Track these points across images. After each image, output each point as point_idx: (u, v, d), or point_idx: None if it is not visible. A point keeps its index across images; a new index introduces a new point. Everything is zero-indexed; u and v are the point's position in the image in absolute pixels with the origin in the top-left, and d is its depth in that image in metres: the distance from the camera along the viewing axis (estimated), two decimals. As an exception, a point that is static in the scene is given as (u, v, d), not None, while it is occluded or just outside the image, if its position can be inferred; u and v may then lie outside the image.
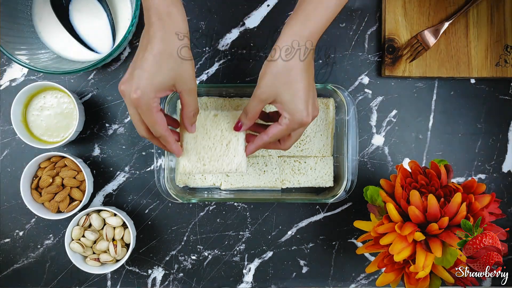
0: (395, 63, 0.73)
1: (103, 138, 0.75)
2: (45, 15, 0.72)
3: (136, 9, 0.65)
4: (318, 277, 0.75)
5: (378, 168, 0.75)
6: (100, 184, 0.74)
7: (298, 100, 0.53)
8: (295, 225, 0.75)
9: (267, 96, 0.54)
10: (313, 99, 0.55)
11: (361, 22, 0.75)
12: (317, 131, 0.71)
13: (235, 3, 0.75)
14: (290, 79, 0.53)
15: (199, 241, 0.75)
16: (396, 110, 0.75)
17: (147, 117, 0.52)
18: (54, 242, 0.74)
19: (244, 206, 0.75)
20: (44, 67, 0.67)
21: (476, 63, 0.73)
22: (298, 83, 0.53)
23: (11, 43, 0.67)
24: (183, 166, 0.62)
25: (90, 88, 0.75)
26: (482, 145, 0.75)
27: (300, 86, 0.53)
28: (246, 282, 0.75)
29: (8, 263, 0.74)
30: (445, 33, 0.73)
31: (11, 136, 0.74)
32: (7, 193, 0.74)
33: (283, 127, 0.55)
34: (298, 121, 0.55)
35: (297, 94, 0.53)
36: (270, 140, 0.57)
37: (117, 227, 0.70)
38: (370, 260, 0.75)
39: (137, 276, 0.74)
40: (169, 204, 0.75)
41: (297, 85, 0.53)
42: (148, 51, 0.50)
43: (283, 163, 0.71)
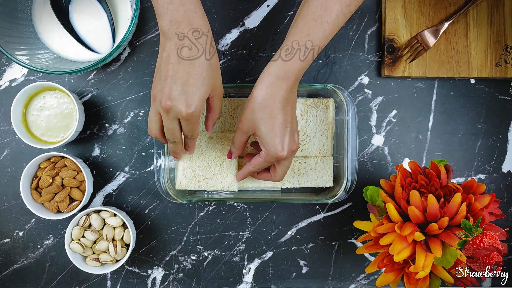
0: (395, 63, 0.73)
1: (103, 138, 0.75)
2: (45, 15, 0.72)
3: (136, 9, 0.65)
4: (318, 277, 0.75)
5: (378, 168, 0.75)
6: (100, 184, 0.74)
7: (273, 135, 0.56)
8: (295, 225, 0.75)
9: (247, 128, 0.58)
10: (290, 134, 0.58)
11: (361, 22, 0.75)
12: (317, 131, 0.71)
13: (235, 3, 0.75)
14: (266, 115, 0.56)
15: (199, 241, 0.75)
16: (396, 110, 0.75)
17: (191, 127, 0.57)
18: (54, 242, 0.74)
19: (244, 206, 0.75)
20: (44, 67, 0.67)
21: (476, 63, 0.73)
22: (274, 118, 0.56)
23: (11, 43, 0.67)
24: (180, 182, 0.69)
25: (90, 88, 0.75)
26: (482, 145, 0.75)
27: (276, 122, 0.56)
28: (246, 282, 0.75)
29: (8, 263, 0.74)
30: (445, 33, 0.73)
31: (11, 136, 0.74)
32: (7, 193, 0.74)
33: (262, 159, 0.59)
34: (273, 155, 0.57)
35: (273, 129, 0.56)
36: (253, 169, 0.62)
37: (117, 227, 0.70)
38: (370, 260, 0.75)
39: (137, 276, 0.74)
40: (169, 204, 0.75)
41: (273, 121, 0.56)
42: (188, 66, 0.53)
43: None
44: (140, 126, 0.74)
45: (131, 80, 0.74)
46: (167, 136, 0.59)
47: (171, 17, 0.52)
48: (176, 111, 0.54)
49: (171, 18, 0.52)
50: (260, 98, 0.56)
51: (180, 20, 0.52)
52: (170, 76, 0.53)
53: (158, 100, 0.54)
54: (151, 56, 0.74)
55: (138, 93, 0.74)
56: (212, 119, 0.60)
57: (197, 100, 0.54)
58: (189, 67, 0.52)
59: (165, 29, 0.53)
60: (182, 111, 0.53)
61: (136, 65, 0.75)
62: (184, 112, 0.53)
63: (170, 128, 0.57)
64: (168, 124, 0.56)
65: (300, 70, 0.56)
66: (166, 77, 0.53)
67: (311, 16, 0.55)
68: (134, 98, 0.74)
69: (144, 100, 0.74)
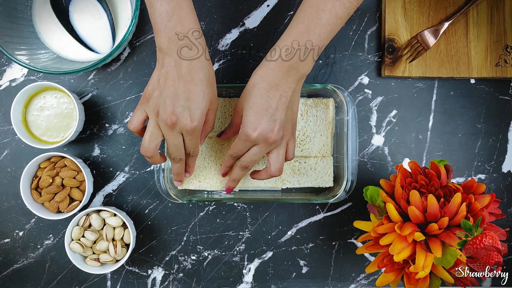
0: (395, 63, 0.73)
1: (103, 138, 0.75)
2: (45, 15, 0.72)
3: (136, 9, 0.65)
4: (318, 277, 0.75)
5: (378, 168, 0.75)
6: (100, 184, 0.74)
7: (250, 112, 0.57)
8: (295, 225, 0.75)
9: (239, 108, 0.60)
10: (270, 121, 0.57)
11: (361, 22, 0.75)
12: (317, 131, 0.71)
13: (235, 3, 0.75)
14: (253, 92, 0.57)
15: (199, 241, 0.75)
16: (396, 110, 0.75)
17: (194, 141, 0.59)
18: (54, 242, 0.74)
19: (244, 206, 0.75)
20: (44, 67, 0.67)
21: (476, 63, 0.73)
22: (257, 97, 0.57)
23: (11, 43, 0.67)
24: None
25: (90, 88, 0.75)
26: (482, 145, 0.75)
27: (257, 101, 0.57)
28: (246, 282, 0.75)
29: (8, 263, 0.74)
30: (445, 33, 0.73)
31: (11, 136, 0.74)
32: (7, 193, 0.74)
33: (238, 140, 0.60)
34: (244, 133, 0.58)
35: (253, 107, 0.57)
36: (231, 152, 0.62)
37: (117, 227, 0.70)
38: (370, 260, 0.75)
39: (137, 276, 0.74)
40: (169, 204, 0.75)
41: (256, 99, 0.57)
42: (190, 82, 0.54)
43: (283, 163, 0.72)
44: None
45: (131, 80, 0.74)
46: (173, 154, 0.60)
47: (170, 34, 0.53)
48: (181, 126, 0.56)
49: (170, 36, 0.53)
50: (253, 79, 0.58)
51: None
52: (171, 94, 0.55)
53: (162, 117, 0.56)
54: (151, 56, 0.74)
55: (138, 93, 0.74)
56: (206, 131, 0.62)
57: (199, 115, 0.56)
58: (190, 84, 0.54)
59: (163, 46, 0.54)
60: (187, 125, 0.56)
61: (136, 65, 0.75)
62: (189, 126, 0.56)
63: (175, 145, 0.58)
64: (173, 140, 0.58)
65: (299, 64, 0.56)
66: (168, 95, 0.55)
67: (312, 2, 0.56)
68: (134, 98, 0.74)
69: (144, 100, 0.74)
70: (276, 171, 0.62)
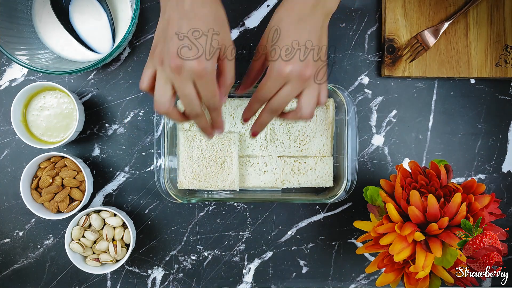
0: (395, 63, 0.73)
1: (103, 138, 0.75)
2: (45, 15, 0.72)
3: (136, 9, 0.65)
4: (318, 277, 0.75)
5: (378, 168, 0.75)
6: (100, 184, 0.74)
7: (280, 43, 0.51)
8: (295, 225, 0.75)
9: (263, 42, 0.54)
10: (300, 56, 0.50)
11: (361, 22, 0.75)
12: (317, 131, 0.71)
13: (235, 3, 0.75)
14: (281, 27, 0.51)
15: (199, 241, 0.75)
16: (396, 110, 0.75)
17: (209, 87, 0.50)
18: (54, 242, 0.74)
19: (244, 206, 0.75)
20: (44, 67, 0.67)
21: (476, 63, 0.73)
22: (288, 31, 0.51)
23: (11, 43, 0.67)
24: (180, 182, 0.70)
25: (90, 88, 0.75)
26: (482, 145, 0.75)
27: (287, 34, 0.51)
28: (246, 282, 0.75)
29: (8, 263, 0.74)
30: (445, 33, 0.73)
31: (11, 136, 0.74)
32: (7, 193, 0.74)
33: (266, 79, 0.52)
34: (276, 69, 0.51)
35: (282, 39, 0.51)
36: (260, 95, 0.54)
37: (117, 227, 0.70)
38: (370, 260, 0.75)
39: (137, 276, 0.74)
40: (169, 204, 0.75)
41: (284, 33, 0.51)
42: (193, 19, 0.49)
43: (283, 163, 0.71)
44: (140, 126, 0.74)
45: (131, 80, 0.74)
46: (186, 107, 0.52)
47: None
48: (187, 69, 0.48)
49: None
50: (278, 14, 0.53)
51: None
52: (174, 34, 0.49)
53: (167, 63, 0.50)
54: (151, 56, 0.74)
55: (138, 93, 0.74)
56: (225, 84, 0.53)
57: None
58: (194, 20, 0.49)
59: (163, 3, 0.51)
60: (194, 67, 0.48)
61: (136, 65, 0.75)
62: (197, 67, 0.48)
63: (186, 95, 0.50)
64: (183, 90, 0.50)
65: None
66: (170, 37, 0.49)
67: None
68: (134, 98, 0.74)
69: (144, 100, 0.74)
70: (308, 114, 0.54)
